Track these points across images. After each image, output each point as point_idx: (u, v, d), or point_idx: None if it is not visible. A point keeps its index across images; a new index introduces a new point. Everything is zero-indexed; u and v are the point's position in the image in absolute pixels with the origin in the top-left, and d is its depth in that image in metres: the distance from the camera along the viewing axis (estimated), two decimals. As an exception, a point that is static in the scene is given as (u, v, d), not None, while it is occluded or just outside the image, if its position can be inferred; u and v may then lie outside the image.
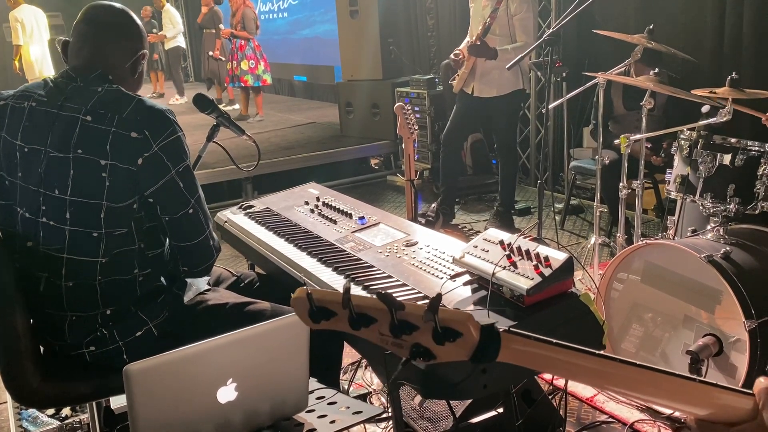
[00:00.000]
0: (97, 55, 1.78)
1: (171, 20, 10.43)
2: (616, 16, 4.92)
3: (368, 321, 0.89)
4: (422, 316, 0.86)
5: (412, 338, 0.87)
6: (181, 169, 1.73)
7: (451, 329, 0.86)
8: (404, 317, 0.87)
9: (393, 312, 0.87)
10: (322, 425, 1.56)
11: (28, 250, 1.74)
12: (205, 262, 1.86)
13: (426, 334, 0.86)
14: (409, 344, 0.88)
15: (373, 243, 2.12)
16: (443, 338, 0.85)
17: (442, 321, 0.85)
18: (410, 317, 0.87)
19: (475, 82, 4.40)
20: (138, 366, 1.32)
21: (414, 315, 0.87)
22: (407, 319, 0.87)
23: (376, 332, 0.89)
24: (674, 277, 2.47)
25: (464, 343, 0.85)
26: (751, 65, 4.00)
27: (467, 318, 0.85)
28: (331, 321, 0.92)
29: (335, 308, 0.90)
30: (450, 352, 0.86)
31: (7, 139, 1.74)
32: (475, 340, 0.85)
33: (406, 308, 0.87)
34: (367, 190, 6.04)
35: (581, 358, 0.87)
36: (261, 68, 8.08)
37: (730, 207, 2.50)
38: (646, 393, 0.88)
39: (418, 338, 0.87)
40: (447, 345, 0.86)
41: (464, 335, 0.85)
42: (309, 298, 0.90)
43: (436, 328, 0.85)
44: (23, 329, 1.68)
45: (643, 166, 3.12)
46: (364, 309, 0.89)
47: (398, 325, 0.87)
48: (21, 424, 2.47)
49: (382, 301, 0.87)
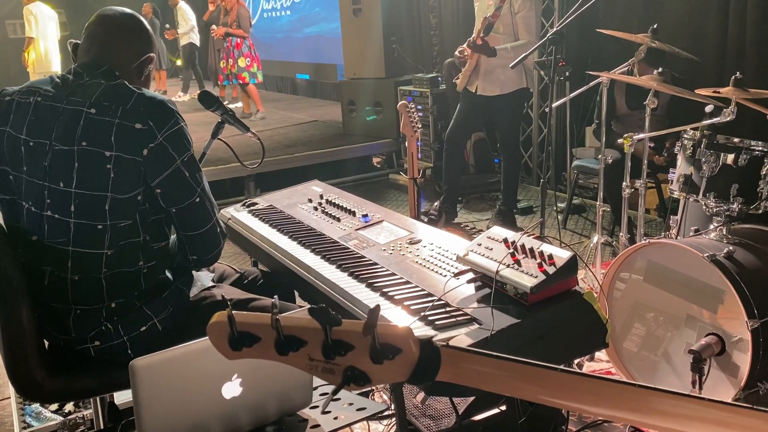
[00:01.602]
0: (105, 55, 1.80)
1: (184, 17, 10.42)
2: (619, 15, 4.92)
3: (297, 344, 0.82)
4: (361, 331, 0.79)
5: (346, 360, 0.80)
6: (186, 158, 1.74)
7: (390, 345, 0.79)
8: (339, 336, 0.80)
9: (327, 329, 0.80)
10: (326, 421, 1.56)
11: (33, 243, 1.75)
12: (213, 249, 1.87)
13: (362, 354, 0.79)
14: (342, 368, 0.81)
15: (376, 241, 2.13)
16: (382, 356, 0.79)
17: (381, 336, 0.79)
18: (346, 335, 0.80)
19: (478, 80, 4.40)
20: (144, 361, 1.32)
21: (350, 332, 0.80)
22: (342, 337, 0.80)
23: (306, 357, 0.82)
24: (677, 277, 2.48)
25: (404, 360, 0.79)
26: (755, 65, 4.00)
27: (407, 332, 0.79)
28: (254, 348, 0.84)
29: (260, 332, 0.83)
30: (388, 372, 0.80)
31: (11, 133, 1.75)
32: (415, 356, 0.79)
33: (342, 324, 0.80)
34: (369, 189, 6.04)
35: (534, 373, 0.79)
36: (255, 66, 8.14)
37: (733, 207, 2.50)
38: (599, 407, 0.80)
39: (353, 360, 0.80)
40: (386, 363, 0.80)
41: (404, 351, 0.79)
42: (230, 321, 0.83)
43: (375, 345, 0.79)
44: (28, 323, 1.68)
45: (646, 165, 3.11)
46: (294, 330, 0.81)
47: (332, 345, 0.80)
48: (24, 420, 2.47)
49: (315, 317, 0.80)
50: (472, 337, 1.46)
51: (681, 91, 2.82)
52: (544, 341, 1.54)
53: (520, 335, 1.52)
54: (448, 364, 0.80)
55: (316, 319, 0.80)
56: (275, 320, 0.81)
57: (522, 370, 0.79)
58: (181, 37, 10.44)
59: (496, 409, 2.12)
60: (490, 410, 2.12)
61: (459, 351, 0.81)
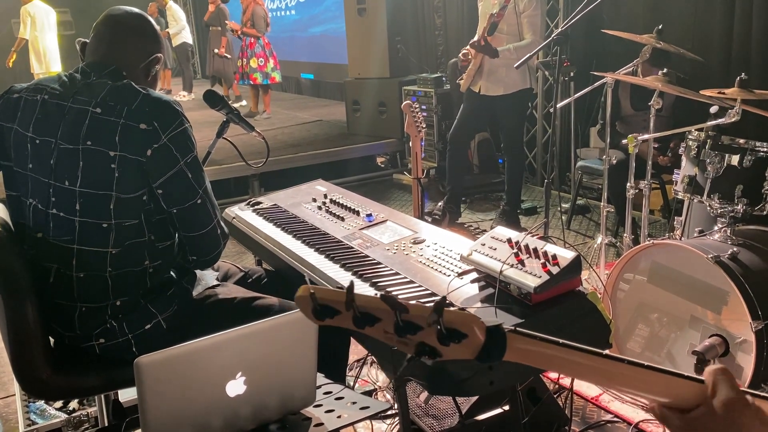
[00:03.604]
0: (112, 54, 1.81)
1: (174, 16, 10.47)
2: (624, 15, 4.91)
3: (373, 320, 0.89)
4: (426, 319, 0.85)
5: (417, 338, 0.86)
6: (189, 159, 1.75)
7: (456, 330, 0.84)
8: (408, 319, 0.86)
9: (397, 314, 0.86)
10: (329, 420, 1.57)
11: (39, 241, 1.76)
12: (214, 250, 1.88)
13: (431, 335, 0.85)
14: (415, 343, 0.87)
15: (380, 240, 2.13)
16: (448, 339, 0.84)
17: (447, 323, 0.84)
18: (414, 318, 0.86)
19: (482, 80, 4.40)
20: (149, 358, 1.33)
21: (418, 317, 0.85)
22: (411, 320, 0.86)
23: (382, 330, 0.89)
24: (681, 278, 2.47)
25: (470, 344, 0.84)
26: (760, 66, 3.99)
27: (472, 320, 0.84)
28: (336, 318, 0.91)
29: (339, 307, 0.90)
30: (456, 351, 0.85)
31: (18, 131, 1.76)
32: (480, 342, 0.84)
33: (410, 311, 0.86)
34: (373, 188, 6.04)
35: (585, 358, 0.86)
36: (270, 66, 8.07)
37: (737, 208, 2.50)
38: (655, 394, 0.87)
39: (423, 338, 0.86)
40: (452, 345, 0.85)
41: (469, 337, 0.84)
42: (312, 297, 0.90)
43: (441, 330, 0.84)
44: (34, 320, 1.69)
45: (650, 166, 3.11)
46: (368, 309, 0.88)
47: (402, 326, 0.86)
48: (29, 417, 2.48)
49: (385, 303, 0.86)
50: (475, 337, 1.46)
51: (686, 92, 2.81)
52: (548, 341, 1.54)
53: (523, 335, 1.52)
54: (514, 347, 0.86)
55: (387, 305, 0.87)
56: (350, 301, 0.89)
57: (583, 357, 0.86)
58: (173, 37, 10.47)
59: (499, 409, 2.12)
60: (493, 410, 2.13)
61: (526, 337, 0.87)
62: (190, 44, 10.97)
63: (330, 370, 1.82)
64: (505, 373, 1.51)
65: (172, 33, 10.45)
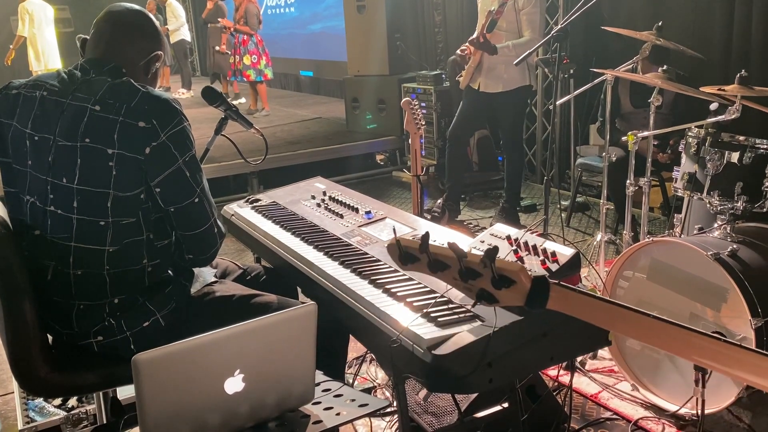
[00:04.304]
0: (112, 51, 1.80)
1: (173, 13, 10.46)
2: (624, 12, 4.90)
3: (443, 266, 1.05)
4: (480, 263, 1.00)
5: (477, 284, 1.02)
6: (187, 158, 1.74)
7: (506, 277, 0.99)
8: (469, 265, 1.01)
9: (460, 260, 1.02)
10: (328, 417, 1.56)
11: (36, 238, 1.75)
12: (210, 249, 1.87)
13: (487, 281, 1.00)
14: (476, 288, 1.02)
15: (379, 237, 2.13)
16: (500, 284, 0.99)
17: (498, 269, 0.99)
18: (473, 264, 1.01)
19: (481, 77, 4.40)
20: (147, 356, 1.32)
21: (476, 263, 1.01)
22: (471, 266, 1.01)
23: (451, 276, 1.05)
24: (680, 275, 2.47)
25: (518, 290, 0.98)
26: (760, 62, 3.99)
27: (520, 268, 0.98)
28: (416, 264, 1.08)
29: (417, 254, 1.06)
30: (508, 297, 1.00)
31: (17, 127, 1.75)
32: (526, 288, 0.98)
33: (468, 256, 1.02)
34: (372, 186, 6.04)
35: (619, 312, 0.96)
36: (263, 63, 8.13)
37: (737, 205, 2.49)
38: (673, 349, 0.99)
39: (482, 284, 1.01)
40: (504, 291, 0.99)
41: (518, 283, 0.98)
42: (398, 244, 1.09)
43: (494, 276, 0.99)
44: (31, 318, 1.69)
45: (650, 163, 3.11)
46: (439, 256, 1.05)
47: (465, 271, 1.02)
48: (28, 414, 2.48)
49: (451, 249, 1.03)
50: (474, 334, 1.46)
51: (686, 89, 2.81)
52: (547, 338, 1.54)
53: (522, 332, 1.51)
54: (557, 297, 0.98)
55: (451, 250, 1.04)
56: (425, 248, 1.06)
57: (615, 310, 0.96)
58: (172, 33, 10.46)
59: (498, 407, 2.12)
60: (493, 407, 2.12)
61: (567, 289, 0.99)
62: (189, 41, 10.97)
63: (329, 367, 1.82)
64: (505, 370, 1.51)
65: (171, 29, 10.44)
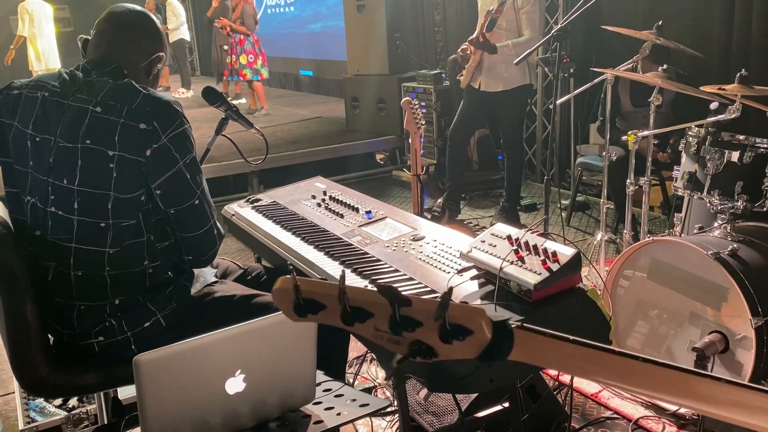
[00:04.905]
0: (114, 52, 1.80)
1: (173, 12, 10.45)
2: (624, 11, 4.90)
3: (364, 316, 0.81)
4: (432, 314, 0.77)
5: (414, 335, 0.79)
6: (188, 160, 1.74)
7: (461, 326, 0.77)
8: (408, 314, 0.79)
9: (396, 308, 0.79)
10: (329, 417, 1.56)
11: (37, 238, 1.75)
12: (209, 251, 1.87)
13: (431, 332, 0.78)
14: (409, 341, 0.79)
15: (379, 237, 2.13)
16: (451, 336, 0.78)
17: (452, 318, 0.77)
18: (415, 314, 0.78)
19: (481, 76, 4.39)
20: (148, 356, 1.33)
21: (421, 311, 0.78)
22: (411, 315, 0.79)
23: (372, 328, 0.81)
24: (681, 274, 2.47)
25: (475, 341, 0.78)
26: (760, 62, 3.98)
27: (480, 315, 0.77)
28: (320, 315, 0.83)
29: (325, 301, 0.82)
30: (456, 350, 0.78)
31: (18, 128, 1.75)
32: (486, 339, 0.77)
33: (413, 304, 0.78)
34: (372, 185, 6.04)
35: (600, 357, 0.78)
36: (259, 62, 8.18)
37: (737, 204, 2.49)
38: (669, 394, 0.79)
39: (421, 335, 0.79)
40: (455, 343, 0.78)
41: (476, 333, 0.77)
42: (296, 290, 0.82)
43: (445, 326, 0.77)
44: (32, 318, 1.69)
45: (650, 162, 3.11)
46: (361, 303, 0.80)
47: (400, 321, 0.79)
48: (28, 414, 2.48)
49: (385, 296, 0.79)
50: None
51: (686, 88, 2.81)
52: (548, 338, 1.54)
53: (523, 332, 1.51)
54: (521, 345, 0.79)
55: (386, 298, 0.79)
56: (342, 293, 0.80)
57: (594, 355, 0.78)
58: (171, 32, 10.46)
59: (498, 406, 2.12)
60: (493, 407, 2.13)
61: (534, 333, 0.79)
62: (188, 41, 10.96)
63: (329, 367, 1.81)
64: (505, 370, 1.51)
65: (171, 29, 10.44)
